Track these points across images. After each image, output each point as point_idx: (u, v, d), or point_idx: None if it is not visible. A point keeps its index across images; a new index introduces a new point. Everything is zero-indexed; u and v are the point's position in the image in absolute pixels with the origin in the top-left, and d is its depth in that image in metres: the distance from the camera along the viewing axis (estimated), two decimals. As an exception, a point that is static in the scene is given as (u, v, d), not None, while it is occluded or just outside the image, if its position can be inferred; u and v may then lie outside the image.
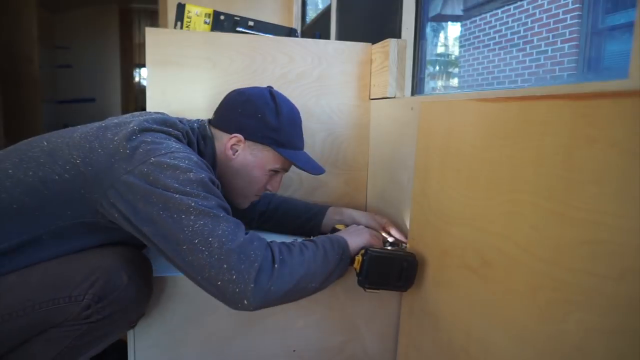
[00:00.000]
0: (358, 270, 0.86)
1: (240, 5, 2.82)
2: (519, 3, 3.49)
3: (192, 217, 0.71)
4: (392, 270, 0.86)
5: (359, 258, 0.86)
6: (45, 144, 0.81)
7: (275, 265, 0.73)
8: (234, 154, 0.96)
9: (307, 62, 1.30)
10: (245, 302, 0.69)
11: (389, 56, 1.21)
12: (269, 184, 1.01)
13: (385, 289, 0.88)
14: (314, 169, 1.02)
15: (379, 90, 1.28)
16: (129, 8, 5.30)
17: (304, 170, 1.00)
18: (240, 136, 0.95)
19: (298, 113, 1.04)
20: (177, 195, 0.72)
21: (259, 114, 0.96)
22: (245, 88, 1.02)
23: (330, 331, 0.97)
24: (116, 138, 0.78)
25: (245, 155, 0.96)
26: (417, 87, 1.31)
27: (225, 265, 0.69)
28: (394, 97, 1.23)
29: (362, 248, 0.88)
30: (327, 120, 1.34)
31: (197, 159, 0.81)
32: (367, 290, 0.87)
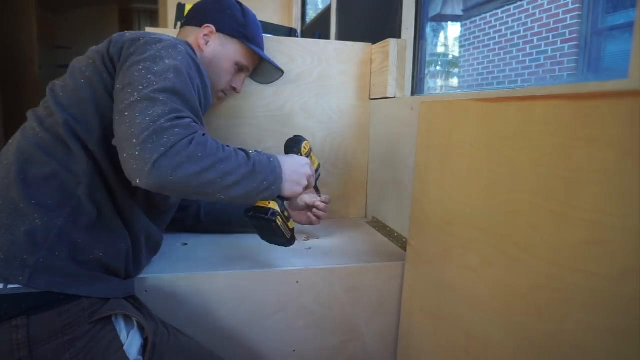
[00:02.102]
0: (259, 208, 0.84)
1: (240, 5, 2.82)
2: (519, 3, 3.49)
3: (135, 93, 0.70)
4: (271, 236, 0.88)
5: (269, 204, 0.83)
6: (66, 74, 0.83)
7: (183, 158, 0.66)
8: (205, 44, 1.02)
9: (307, 62, 1.30)
10: (138, 181, 0.66)
11: (389, 56, 1.21)
12: (233, 82, 1.08)
13: (255, 231, 0.89)
14: (275, 64, 1.12)
15: (379, 90, 1.28)
16: (129, 8, 5.30)
17: (269, 62, 1.10)
18: (212, 27, 1.02)
19: (259, 22, 1.13)
20: (139, 70, 0.73)
21: (228, 10, 1.05)
22: None
23: (330, 331, 0.97)
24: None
25: (216, 46, 1.02)
26: (417, 87, 1.31)
27: (134, 140, 0.65)
28: (394, 97, 1.23)
29: (285, 198, 0.84)
30: (327, 120, 1.34)
31: (186, 51, 0.80)
32: (247, 220, 0.87)
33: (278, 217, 0.84)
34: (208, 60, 1.01)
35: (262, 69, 1.17)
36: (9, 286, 0.64)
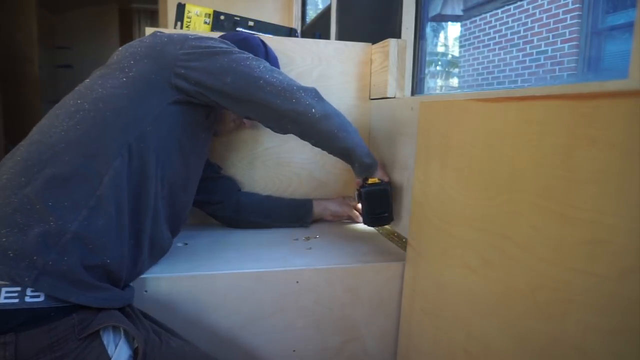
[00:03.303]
0: (372, 185, 1.06)
1: (240, 5, 2.82)
2: (519, 3, 3.49)
3: (254, 62, 0.90)
4: (382, 207, 1.08)
5: (377, 180, 1.06)
6: (88, 80, 0.86)
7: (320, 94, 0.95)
8: None
9: (307, 62, 1.30)
10: (314, 110, 0.91)
11: (389, 56, 1.21)
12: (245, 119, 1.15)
13: (364, 209, 1.08)
14: None
15: (379, 90, 1.28)
16: (129, 8, 5.31)
17: None
18: None
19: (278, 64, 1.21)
20: (232, 50, 0.90)
21: (252, 50, 1.08)
22: (239, 32, 1.17)
23: (330, 331, 0.97)
24: (146, 41, 0.89)
25: None
26: (417, 87, 1.31)
27: (295, 87, 0.91)
28: (394, 97, 1.23)
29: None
30: (327, 120, 1.34)
31: None
32: (361, 197, 1.07)
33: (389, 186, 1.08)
34: None
35: None
36: (1, 302, 0.63)
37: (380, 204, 1.07)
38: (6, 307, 0.63)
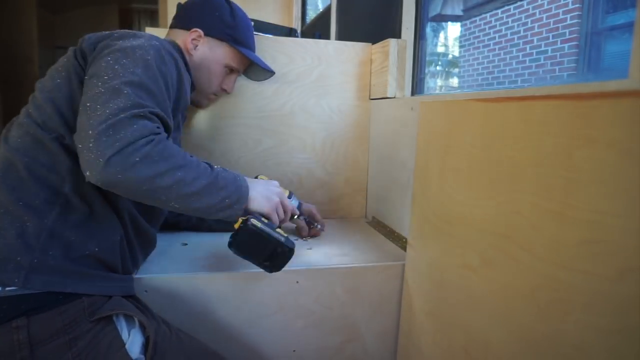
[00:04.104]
0: (234, 231, 0.81)
1: (240, 5, 2.83)
2: (519, 3, 3.49)
3: (100, 83, 0.69)
4: (264, 249, 0.81)
5: (239, 221, 0.81)
6: (30, 97, 0.81)
7: (137, 158, 0.64)
8: (194, 48, 1.01)
9: (307, 62, 1.30)
10: (89, 173, 0.65)
11: (389, 56, 1.21)
12: (224, 83, 1.08)
13: (250, 261, 0.83)
14: (265, 66, 1.11)
15: (379, 90, 1.28)
16: (129, 8, 5.31)
17: (257, 64, 1.09)
18: (200, 31, 1.01)
19: (250, 20, 1.11)
20: (107, 61, 0.72)
21: (216, 12, 1.03)
22: None
23: (330, 331, 0.97)
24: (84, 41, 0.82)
25: (204, 50, 1.01)
26: (417, 87, 1.31)
27: (90, 132, 0.64)
28: (394, 97, 1.23)
29: (253, 213, 0.82)
30: (327, 120, 1.34)
31: (161, 45, 0.79)
32: (234, 253, 0.82)
33: (253, 220, 0.79)
34: (197, 64, 1.01)
35: (255, 68, 1.16)
36: (7, 289, 0.64)
37: (260, 248, 0.82)
38: (14, 292, 0.64)
